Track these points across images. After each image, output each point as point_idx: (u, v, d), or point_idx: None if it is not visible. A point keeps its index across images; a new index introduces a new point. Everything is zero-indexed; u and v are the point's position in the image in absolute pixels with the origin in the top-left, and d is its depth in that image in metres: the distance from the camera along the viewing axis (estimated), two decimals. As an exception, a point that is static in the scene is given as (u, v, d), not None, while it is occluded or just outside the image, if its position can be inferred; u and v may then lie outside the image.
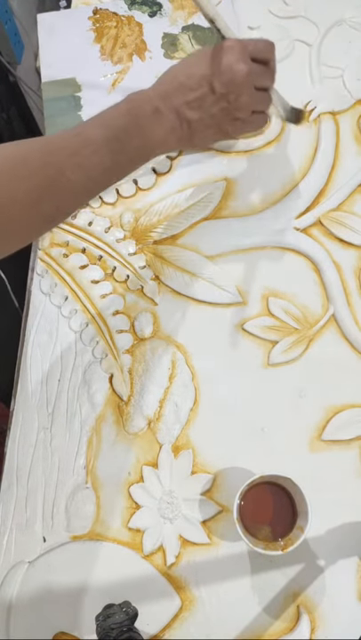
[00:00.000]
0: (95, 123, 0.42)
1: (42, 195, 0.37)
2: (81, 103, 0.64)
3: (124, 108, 0.43)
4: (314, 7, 0.68)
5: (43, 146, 0.40)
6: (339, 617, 0.46)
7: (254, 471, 0.49)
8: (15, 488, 0.51)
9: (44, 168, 0.37)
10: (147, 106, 0.45)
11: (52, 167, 0.38)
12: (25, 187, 0.36)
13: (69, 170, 0.38)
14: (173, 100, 0.46)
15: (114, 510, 0.50)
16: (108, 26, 0.68)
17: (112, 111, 0.43)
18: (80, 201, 0.42)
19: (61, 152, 0.39)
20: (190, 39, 0.67)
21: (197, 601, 0.47)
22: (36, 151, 0.39)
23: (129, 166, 0.44)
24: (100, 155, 0.40)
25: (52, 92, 0.65)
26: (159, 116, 0.45)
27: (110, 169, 0.42)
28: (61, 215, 0.41)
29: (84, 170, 0.39)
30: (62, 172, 0.38)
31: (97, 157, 0.40)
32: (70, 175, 0.38)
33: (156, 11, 0.68)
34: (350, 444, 0.51)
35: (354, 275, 0.56)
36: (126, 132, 0.42)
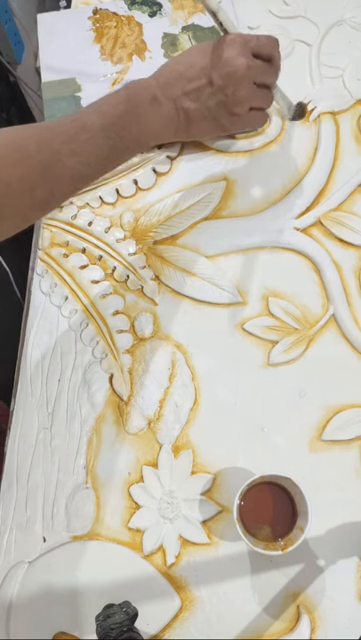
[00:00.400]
0: (93, 109, 0.42)
1: (36, 180, 0.37)
2: (81, 103, 0.64)
3: (122, 95, 0.44)
4: (314, 7, 0.68)
5: (40, 131, 0.40)
6: (339, 617, 0.46)
7: (254, 471, 0.49)
8: (15, 488, 0.51)
9: (39, 153, 0.38)
10: (145, 93, 0.45)
11: (48, 152, 0.38)
12: (19, 172, 0.36)
13: (65, 156, 0.38)
14: (172, 90, 0.46)
15: (114, 510, 0.50)
16: (108, 26, 0.68)
17: (111, 98, 0.43)
18: (76, 187, 0.42)
19: (57, 138, 0.39)
20: (190, 39, 0.67)
21: (197, 601, 0.47)
22: (32, 137, 0.39)
23: (125, 153, 0.44)
24: (96, 141, 0.40)
25: (52, 92, 0.65)
26: (157, 104, 0.45)
27: (106, 155, 0.42)
28: (56, 200, 0.41)
29: (79, 156, 0.39)
30: (58, 158, 0.38)
31: (92, 143, 0.40)
32: (66, 161, 0.39)
33: (156, 11, 0.68)
34: (350, 444, 0.51)
35: (354, 275, 0.56)
36: (123, 119, 0.42)
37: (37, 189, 0.38)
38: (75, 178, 0.41)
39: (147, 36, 0.68)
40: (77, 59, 0.67)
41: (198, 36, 0.67)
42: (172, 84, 0.46)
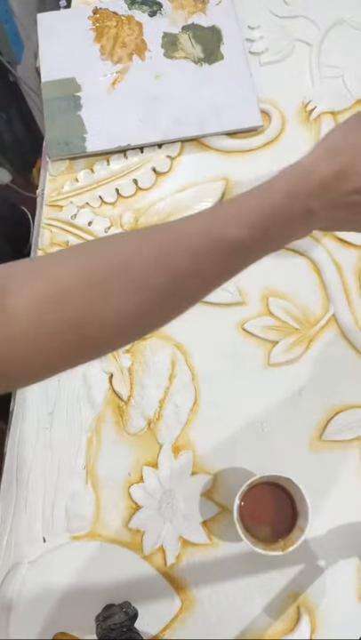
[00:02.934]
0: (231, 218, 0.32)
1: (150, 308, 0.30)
2: (81, 103, 0.64)
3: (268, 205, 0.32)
4: (314, 7, 0.68)
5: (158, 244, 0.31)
6: (339, 617, 0.46)
7: (254, 471, 0.49)
8: (15, 488, 0.51)
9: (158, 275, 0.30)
10: (299, 206, 0.33)
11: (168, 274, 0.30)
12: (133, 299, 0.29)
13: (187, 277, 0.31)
14: (331, 196, 0.33)
15: (114, 510, 0.50)
16: (108, 25, 0.68)
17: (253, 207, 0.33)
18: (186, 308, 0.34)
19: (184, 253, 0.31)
20: (190, 38, 0.67)
21: (197, 601, 0.47)
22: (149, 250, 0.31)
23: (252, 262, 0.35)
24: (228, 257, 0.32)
25: (52, 91, 0.65)
26: (311, 219, 0.34)
27: (229, 274, 0.34)
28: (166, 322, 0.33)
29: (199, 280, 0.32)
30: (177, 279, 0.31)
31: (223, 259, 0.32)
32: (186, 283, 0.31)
33: (156, 10, 0.68)
34: (351, 444, 0.50)
35: (354, 275, 0.56)
36: (265, 234, 0.33)
37: (152, 316, 0.31)
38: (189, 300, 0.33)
39: (147, 35, 0.67)
40: (77, 58, 0.67)
41: (198, 35, 0.67)
42: (332, 188, 0.33)
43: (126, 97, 0.64)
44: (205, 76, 0.65)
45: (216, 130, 0.62)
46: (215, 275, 0.33)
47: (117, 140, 0.62)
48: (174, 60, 0.66)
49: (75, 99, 0.64)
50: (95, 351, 0.31)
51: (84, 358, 0.31)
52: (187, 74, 0.65)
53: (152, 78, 0.65)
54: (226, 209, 0.33)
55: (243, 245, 0.32)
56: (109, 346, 0.32)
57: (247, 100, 0.63)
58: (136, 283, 0.30)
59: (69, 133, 0.63)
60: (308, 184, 0.33)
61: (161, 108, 0.63)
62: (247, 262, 0.35)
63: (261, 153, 0.61)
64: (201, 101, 0.63)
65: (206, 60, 0.65)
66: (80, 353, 0.30)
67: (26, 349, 0.28)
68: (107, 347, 0.32)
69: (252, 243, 0.33)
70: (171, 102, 0.63)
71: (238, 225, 0.32)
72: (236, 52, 0.65)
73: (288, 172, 0.33)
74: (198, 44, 0.66)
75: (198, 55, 0.66)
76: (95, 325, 0.29)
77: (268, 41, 0.66)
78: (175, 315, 0.33)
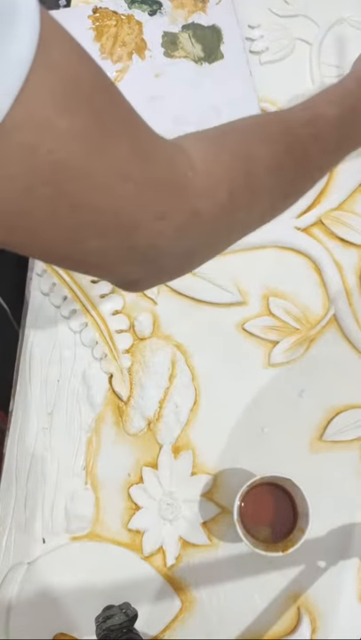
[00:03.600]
0: (323, 99, 0.40)
1: (284, 160, 0.34)
2: None
3: (352, 88, 0.41)
4: (314, 6, 0.67)
5: (276, 115, 0.39)
6: (339, 618, 0.46)
7: (255, 472, 0.49)
8: (14, 489, 0.51)
9: (283, 134, 0.35)
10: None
11: (290, 134, 0.36)
12: (269, 149, 0.34)
13: (306, 139, 0.36)
14: None
15: (114, 511, 0.50)
16: (108, 24, 0.68)
17: (339, 90, 0.41)
18: (313, 177, 0.39)
19: (296, 121, 0.36)
20: (190, 38, 0.66)
21: (197, 602, 0.47)
22: (273, 120, 0.37)
23: (352, 147, 0.41)
24: (332, 130, 0.38)
25: None
26: None
27: (339, 146, 0.40)
28: (297, 191, 0.38)
29: (319, 142, 0.37)
30: (300, 140, 0.36)
31: (330, 131, 0.38)
32: (307, 145, 0.36)
33: (156, 9, 0.68)
34: (351, 444, 0.50)
35: (355, 274, 0.56)
36: (357, 111, 0.40)
37: (286, 170, 0.35)
38: (314, 165, 0.38)
39: (147, 34, 0.67)
40: None
41: (198, 34, 0.67)
42: None
43: (126, 96, 0.63)
44: (205, 75, 0.64)
45: None
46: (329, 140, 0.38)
47: None
48: (174, 59, 0.66)
49: None
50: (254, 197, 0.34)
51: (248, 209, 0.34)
52: (187, 73, 0.65)
53: (152, 77, 0.65)
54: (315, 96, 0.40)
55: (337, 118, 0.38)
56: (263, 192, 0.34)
57: (247, 100, 0.62)
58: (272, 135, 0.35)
59: None
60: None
61: (161, 108, 0.63)
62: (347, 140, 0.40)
63: (262, 152, 0.61)
64: (201, 100, 0.63)
65: (206, 60, 0.65)
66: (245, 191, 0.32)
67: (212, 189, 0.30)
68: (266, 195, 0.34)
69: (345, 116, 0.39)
70: (171, 101, 0.63)
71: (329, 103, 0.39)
72: (237, 52, 0.65)
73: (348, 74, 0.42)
74: (198, 44, 0.66)
75: (198, 54, 0.66)
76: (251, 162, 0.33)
77: (268, 40, 0.66)
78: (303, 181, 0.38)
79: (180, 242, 0.28)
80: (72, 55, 0.22)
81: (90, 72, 0.23)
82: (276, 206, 0.37)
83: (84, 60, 0.23)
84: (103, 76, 0.24)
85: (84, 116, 0.22)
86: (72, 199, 0.22)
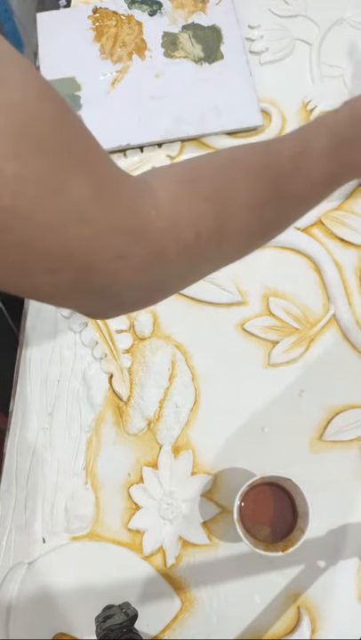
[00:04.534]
0: (315, 128, 0.38)
1: (264, 196, 0.34)
2: (80, 102, 0.64)
3: (347, 116, 0.39)
4: (314, 6, 0.68)
5: (263, 147, 0.37)
6: (339, 618, 0.46)
7: (255, 472, 0.49)
8: (14, 489, 0.51)
9: (265, 169, 0.34)
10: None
11: (274, 168, 0.35)
12: (248, 186, 0.33)
13: (290, 174, 0.35)
14: None
15: (114, 511, 0.50)
16: (108, 25, 0.68)
17: (333, 118, 0.39)
18: (298, 211, 0.38)
19: (281, 154, 0.35)
20: (190, 38, 0.66)
21: (197, 602, 0.47)
22: (257, 152, 0.36)
23: (343, 179, 0.40)
24: (321, 162, 0.36)
25: None
26: None
27: (327, 179, 0.38)
28: (279, 225, 0.37)
29: (305, 175, 0.36)
30: (283, 175, 0.35)
31: (318, 163, 0.36)
32: (291, 179, 0.35)
33: (156, 10, 0.68)
34: (351, 444, 0.50)
35: (355, 274, 0.56)
36: (349, 142, 0.38)
37: (266, 207, 0.34)
38: (299, 199, 0.37)
39: (147, 34, 0.67)
40: (77, 57, 0.66)
41: (198, 35, 0.66)
42: None
43: (126, 96, 0.64)
44: (205, 75, 0.64)
45: (216, 129, 0.62)
46: (315, 173, 0.37)
47: (117, 139, 0.62)
48: (174, 59, 0.65)
49: (74, 98, 0.64)
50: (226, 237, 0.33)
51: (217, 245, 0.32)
52: (187, 73, 0.64)
53: (152, 78, 0.65)
54: (309, 124, 0.39)
55: (328, 149, 0.37)
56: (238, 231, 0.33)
57: (247, 100, 0.62)
58: (252, 169, 0.34)
59: None
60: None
61: (161, 108, 0.63)
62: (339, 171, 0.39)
63: (261, 152, 0.61)
64: (201, 101, 0.63)
65: (206, 60, 0.65)
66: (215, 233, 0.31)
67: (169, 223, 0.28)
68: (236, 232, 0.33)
69: (336, 148, 0.37)
70: (171, 101, 0.63)
71: (321, 133, 0.37)
72: (236, 52, 0.65)
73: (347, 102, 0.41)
74: (198, 44, 0.66)
75: (198, 54, 0.65)
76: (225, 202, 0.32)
77: (268, 40, 0.66)
78: (287, 217, 0.37)
79: (141, 279, 0.28)
80: (31, 95, 0.21)
81: (51, 112, 0.22)
82: (254, 243, 0.36)
83: (46, 100, 0.22)
84: (67, 116, 0.24)
85: (37, 160, 0.21)
86: (19, 237, 0.22)
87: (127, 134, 0.62)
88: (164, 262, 0.28)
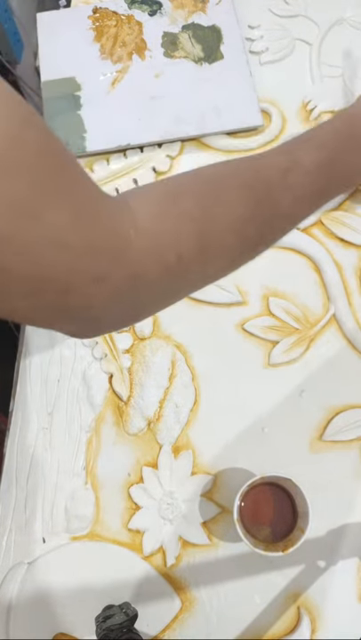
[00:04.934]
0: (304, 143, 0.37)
1: (247, 217, 0.32)
2: (81, 102, 0.64)
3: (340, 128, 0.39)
4: (314, 6, 0.68)
5: (249, 165, 0.36)
6: (339, 618, 0.46)
7: (255, 472, 0.49)
8: (14, 489, 0.51)
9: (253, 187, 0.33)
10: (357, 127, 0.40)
11: (262, 187, 0.34)
12: (235, 206, 0.32)
13: (278, 191, 0.34)
14: None
15: (114, 511, 0.50)
16: (108, 25, 0.68)
17: (325, 130, 0.39)
18: (284, 228, 0.37)
19: (270, 169, 0.35)
20: (190, 38, 0.66)
21: (197, 602, 0.47)
22: (243, 169, 0.35)
23: (335, 192, 0.39)
24: (311, 177, 0.36)
25: (52, 91, 0.65)
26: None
27: (319, 194, 0.38)
28: (264, 243, 0.36)
29: (293, 192, 0.35)
30: (271, 193, 0.34)
31: (308, 179, 0.36)
32: (279, 197, 0.34)
33: (156, 10, 0.68)
34: (351, 444, 0.50)
35: (355, 274, 0.56)
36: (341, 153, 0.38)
37: (253, 226, 0.33)
38: (287, 217, 0.36)
39: (147, 34, 0.67)
40: (77, 58, 0.65)
41: (198, 35, 0.66)
42: None
43: (126, 96, 0.64)
44: (205, 75, 0.64)
45: (216, 129, 0.62)
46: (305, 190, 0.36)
47: (117, 139, 0.62)
48: (174, 59, 0.65)
49: (74, 98, 0.64)
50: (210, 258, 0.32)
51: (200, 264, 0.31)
52: (187, 73, 0.64)
53: (152, 78, 0.64)
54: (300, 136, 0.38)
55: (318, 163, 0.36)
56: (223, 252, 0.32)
57: (247, 100, 0.62)
58: (239, 188, 0.33)
59: (69, 133, 0.62)
60: None
61: (161, 108, 0.63)
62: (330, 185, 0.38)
63: (261, 152, 0.61)
64: (201, 101, 0.63)
65: (206, 60, 0.65)
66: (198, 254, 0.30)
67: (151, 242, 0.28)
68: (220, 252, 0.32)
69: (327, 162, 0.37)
70: (170, 101, 0.63)
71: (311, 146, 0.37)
72: (236, 52, 0.65)
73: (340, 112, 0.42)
74: (198, 44, 0.66)
75: (198, 54, 0.65)
76: (211, 222, 0.31)
77: (268, 40, 0.66)
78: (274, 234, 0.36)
79: (120, 302, 0.27)
80: (14, 120, 0.21)
81: (33, 138, 0.22)
82: (239, 262, 0.35)
83: (30, 125, 0.22)
84: (49, 142, 0.23)
85: (16, 184, 0.21)
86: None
87: (127, 134, 0.62)
88: (144, 284, 0.28)
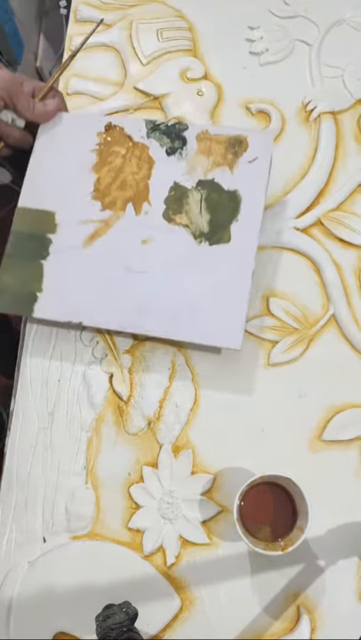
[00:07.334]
0: None
1: None
2: (49, 249, 0.53)
3: None
4: (314, 7, 0.68)
5: None
6: (339, 617, 0.46)
7: (254, 471, 0.49)
8: (15, 488, 0.51)
9: None
10: None
11: None
12: None
13: None
14: None
15: (114, 510, 0.50)
16: (116, 152, 0.55)
17: None
18: None
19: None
20: (202, 201, 0.53)
21: (197, 601, 0.47)
22: None
23: None
24: None
25: (25, 223, 0.54)
26: None
27: None
28: None
29: None
30: None
31: None
32: None
33: (177, 148, 0.54)
34: (350, 444, 0.51)
35: (354, 275, 0.56)
36: None
37: None
38: None
39: (154, 180, 0.54)
40: (67, 187, 0.55)
41: (212, 200, 0.52)
42: None
43: (100, 259, 0.53)
44: (199, 259, 0.52)
45: (182, 337, 0.50)
46: None
47: (71, 312, 0.52)
48: (172, 224, 0.53)
49: (44, 242, 0.53)
50: None
51: None
52: (179, 249, 0.52)
53: (138, 243, 0.53)
54: None
55: None
56: None
57: (234, 312, 0.50)
58: None
59: (23, 285, 0.52)
60: None
61: (131, 287, 0.52)
62: None
63: (261, 153, 0.61)
64: (180, 291, 0.51)
65: (208, 239, 0.52)
66: None
67: None
68: None
69: None
70: (145, 282, 0.52)
71: None
72: (247, 238, 0.52)
73: None
74: (207, 213, 0.53)
75: (202, 228, 0.52)
76: None
77: (267, 41, 0.66)
78: None
79: None
80: None
81: None
82: None
83: None
84: None
85: None
86: None
87: (82, 310, 0.52)
88: None
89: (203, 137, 0.55)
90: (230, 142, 0.54)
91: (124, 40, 0.67)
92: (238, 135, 0.54)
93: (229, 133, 0.54)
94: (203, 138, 0.55)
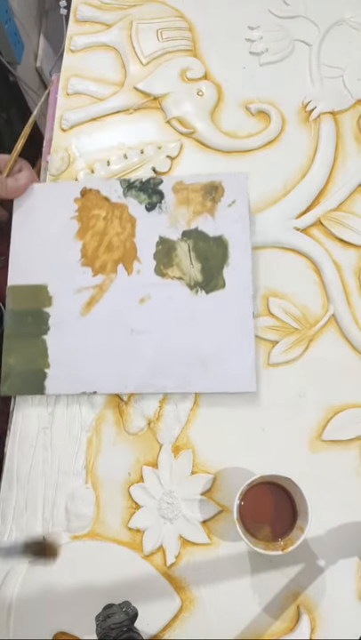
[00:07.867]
0: None
1: None
2: (49, 323, 0.52)
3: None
4: (314, 7, 0.68)
5: None
6: (339, 617, 0.46)
7: (254, 471, 0.49)
8: (15, 488, 0.51)
9: None
10: None
11: None
12: None
13: None
14: None
15: (114, 510, 0.50)
16: (96, 215, 0.55)
17: None
18: None
19: None
20: (190, 251, 0.53)
21: (197, 601, 0.47)
22: None
23: None
24: None
25: (19, 301, 0.53)
26: None
27: None
28: None
29: None
30: None
31: None
32: None
33: (156, 202, 0.55)
34: (350, 444, 0.51)
35: (354, 275, 0.56)
36: None
37: None
38: None
39: (139, 237, 0.54)
40: (54, 258, 0.54)
41: (200, 248, 0.53)
42: None
43: (101, 325, 0.53)
44: (199, 308, 0.52)
45: (199, 389, 0.51)
46: None
47: (83, 383, 0.52)
48: (165, 278, 0.53)
49: (42, 316, 0.53)
50: None
51: None
52: (177, 302, 0.52)
53: (136, 303, 0.53)
54: None
55: None
56: None
57: (243, 355, 0.51)
58: None
59: (29, 365, 0.52)
60: None
61: (139, 348, 0.52)
62: None
63: (261, 153, 0.61)
64: (187, 346, 0.51)
65: (204, 287, 0.52)
66: None
67: None
68: None
69: None
70: (152, 341, 0.52)
71: None
72: (242, 278, 0.53)
73: None
74: (198, 262, 0.53)
75: (195, 278, 0.53)
76: None
77: (267, 41, 0.66)
78: None
79: None
80: None
81: None
82: None
83: None
84: None
85: None
86: None
87: (95, 378, 0.52)
88: None
89: (179, 188, 0.55)
90: (206, 189, 0.55)
91: (123, 40, 0.67)
92: (212, 182, 0.55)
93: (203, 181, 0.55)
94: (179, 189, 0.55)
